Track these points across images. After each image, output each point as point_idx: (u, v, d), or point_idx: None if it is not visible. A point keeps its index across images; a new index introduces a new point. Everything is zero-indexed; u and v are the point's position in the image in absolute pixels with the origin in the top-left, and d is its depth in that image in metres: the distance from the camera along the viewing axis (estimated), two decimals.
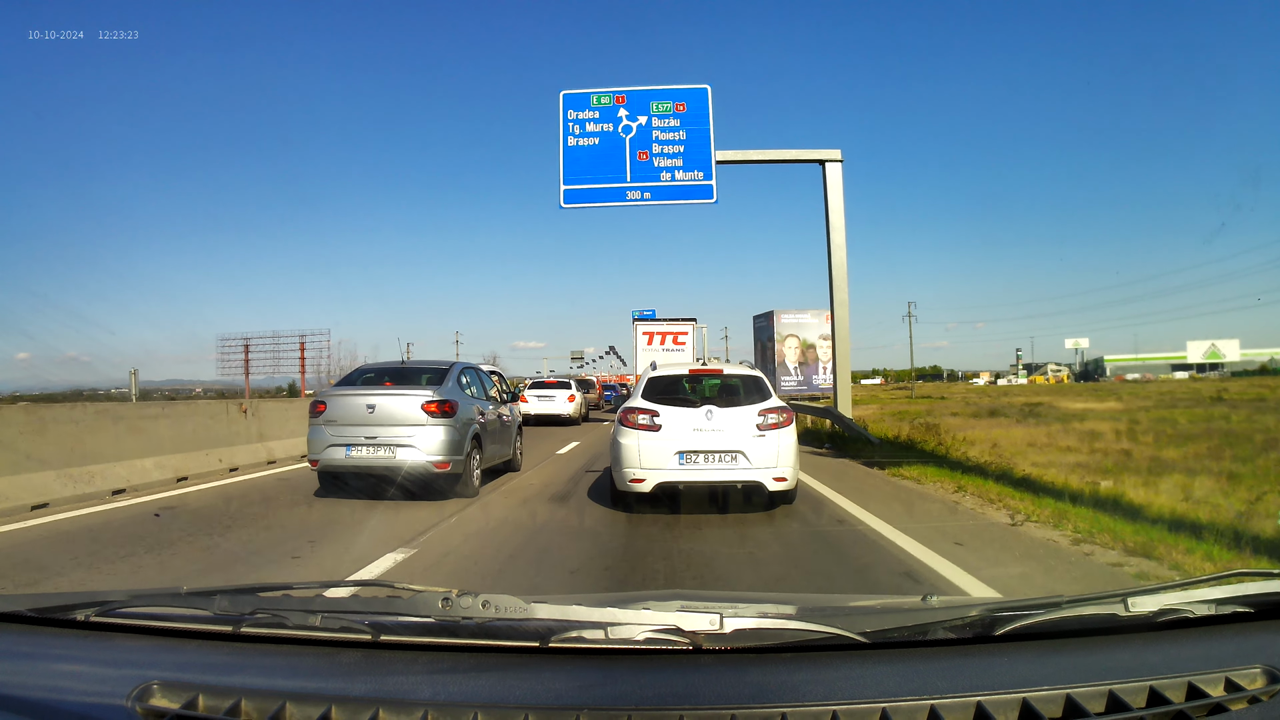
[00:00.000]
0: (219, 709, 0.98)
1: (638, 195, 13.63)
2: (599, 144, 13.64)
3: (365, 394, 7.35)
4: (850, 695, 0.97)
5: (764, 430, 6.37)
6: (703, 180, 13.51)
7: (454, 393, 7.50)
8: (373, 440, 7.15)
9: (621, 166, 13.61)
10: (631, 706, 0.96)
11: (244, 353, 44.96)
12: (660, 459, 6.32)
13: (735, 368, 7.56)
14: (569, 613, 1.15)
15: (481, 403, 8.21)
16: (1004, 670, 1.05)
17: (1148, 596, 1.17)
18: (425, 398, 7.22)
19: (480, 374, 8.94)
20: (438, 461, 7.08)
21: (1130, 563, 4.72)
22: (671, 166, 13.54)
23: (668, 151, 13.57)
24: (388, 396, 7.28)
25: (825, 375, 44.04)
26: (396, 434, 7.10)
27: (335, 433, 7.22)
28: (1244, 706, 0.96)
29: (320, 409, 7.39)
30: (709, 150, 13.53)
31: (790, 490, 6.53)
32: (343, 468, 7.27)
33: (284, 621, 1.17)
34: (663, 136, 13.59)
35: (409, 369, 8.13)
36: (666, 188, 13.60)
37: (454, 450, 7.18)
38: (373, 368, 8.49)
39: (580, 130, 13.76)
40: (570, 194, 13.71)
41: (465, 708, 0.96)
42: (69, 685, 1.05)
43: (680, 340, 19.23)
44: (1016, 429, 17.02)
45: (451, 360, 8.11)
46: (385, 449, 7.12)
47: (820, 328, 45.50)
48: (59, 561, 4.95)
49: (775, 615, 1.30)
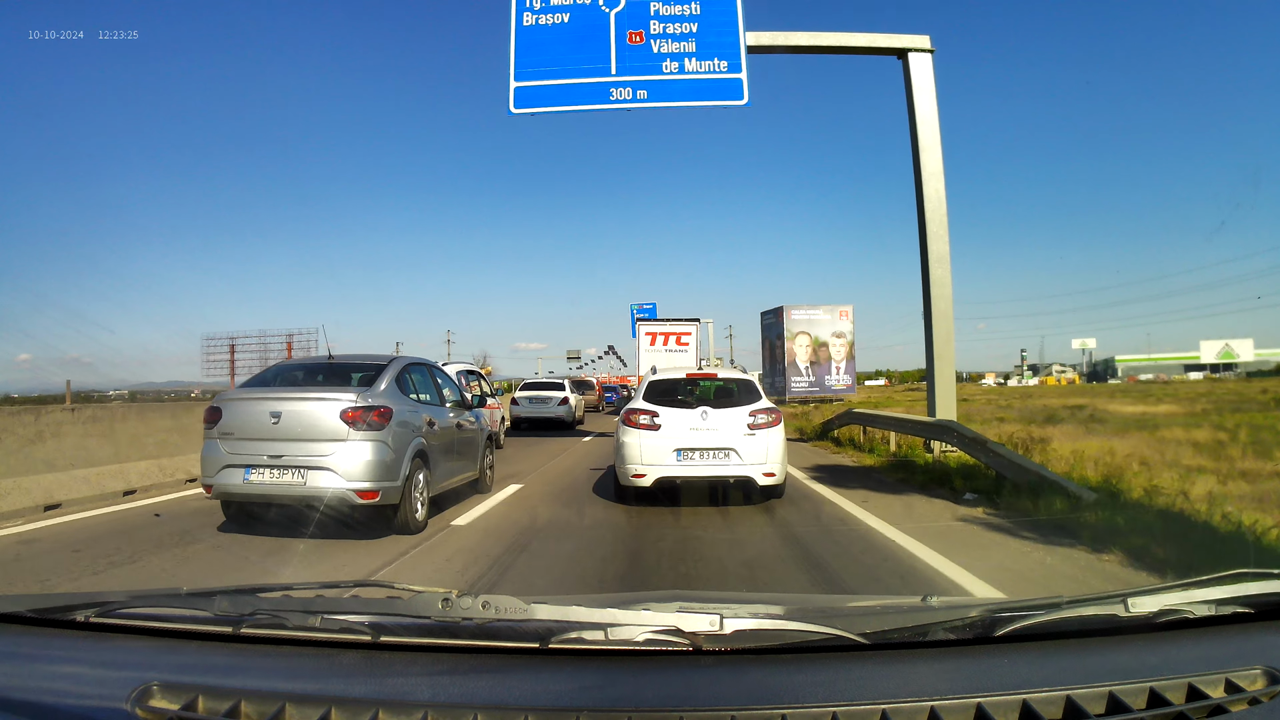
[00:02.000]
0: (219, 710, 1.02)
1: (627, 94, 10.08)
2: (569, 21, 10.15)
3: (270, 398, 5.84)
4: (850, 696, 1.00)
5: (754, 430, 7.17)
6: (726, 73, 9.98)
7: (389, 396, 6.02)
8: (278, 460, 5.64)
9: (603, 52, 10.09)
10: (631, 707, 0.99)
11: (229, 353, 45.04)
12: (660, 456, 7.11)
13: (729, 371, 8.82)
14: (568, 614, 1.19)
15: (433, 409, 6.81)
16: (1004, 671, 1.08)
17: (1148, 597, 1.20)
18: (347, 403, 5.69)
19: (435, 372, 7.51)
20: (362, 489, 5.59)
21: None
22: (679, 53, 10.05)
23: (673, 31, 10.07)
24: (298, 401, 5.78)
25: (838, 375, 43.91)
26: (308, 452, 5.61)
27: (232, 449, 5.74)
28: (1244, 708, 0.99)
29: (214, 417, 5.89)
30: (735, 30, 9.98)
31: (779, 485, 7.33)
32: (242, 496, 5.82)
33: (284, 623, 1.21)
34: (666, 10, 10.11)
35: (338, 365, 6.52)
36: (671, 83, 10.05)
37: (385, 473, 5.70)
38: (295, 364, 7.17)
39: (542, 2, 10.24)
40: (526, 94, 10.21)
41: (465, 709, 0.99)
42: (69, 686, 1.09)
43: (683, 341, 19.31)
44: (1115, 440, 12.67)
45: (392, 355, 6.81)
46: (293, 472, 5.62)
47: (833, 324, 45.27)
48: None
49: (775, 616, 1.34)
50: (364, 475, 5.62)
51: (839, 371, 44.07)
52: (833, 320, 44.54)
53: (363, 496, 5.61)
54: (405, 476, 5.88)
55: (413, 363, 7.00)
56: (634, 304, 26.17)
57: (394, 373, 6.35)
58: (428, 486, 6.35)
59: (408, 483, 5.92)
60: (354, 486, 5.59)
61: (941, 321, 10.52)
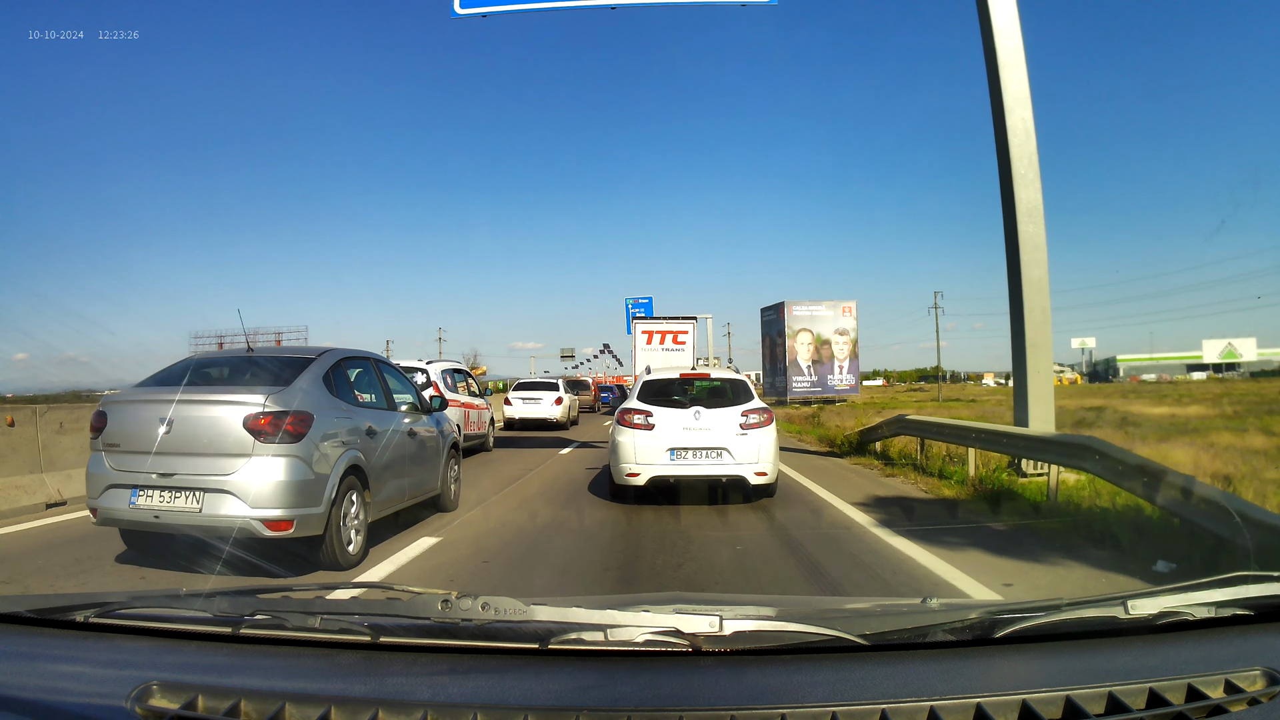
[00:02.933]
0: (219, 709, 1.03)
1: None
2: None
3: (161, 400, 4.78)
4: (850, 697, 1.02)
5: (746, 429, 7.34)
6: None
7: (311, 398, 4.97)
8: (169, 479, 4.60)
9: None
10: (631, 708, 1.01)
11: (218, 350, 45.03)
12: (653, 455, 7.29)
13: (722, 371, 8.83)
14: (568, 615, 1.20)
15: (377, 414, 5.74)
16: (1003, 672, 1.10)
17: (1148, 599, 1.22)
18: (253, 408, 4.64)
19: (383, 369, 6.40)
20: (271, 518, 4.57)
21: None
22: None
23: None
24: (194, 405, 4.73)
25: (841, 375, 43.73)
26: (205, 469, 4.60)
27: (118, 464, 4.78)
28: (1244, 708, 1.01)
29: (100, 423, 4.91)
30: None
31: (770, 484, 7.44)
32: (129, 523, 4.87)
33: (283, 623, 1.24)
34: None
35: (259, 361, 5.46)
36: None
37: (302, 497, 4.68)
38: (209, 358, 5.91)
39: None
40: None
41: (465, 709, 1.01)
42: (69, 686, 1.11)
43: (680, 340, 19.36)
44: (1165, 447, 10.78)
45: (325, 347, 5.74)
46: (187, 495, 4.59)
47: (836, 321, 44.97)
48: None
49: (774, 617, 1.37)
50: (273, 500, 4.60)
51: (842, 371, 43.86)
52: (835, 317, 44.26)
53: (272, 527, 4.59)
54: (331, 500, 4.88)
55: (350, 357, 5.90)
56: (629, 298, 25.65)
57: (321, 369, 5.29)
58: (365, 510, 5.31)
59: (335, 508, 4.91)
60: (260, 515, 4.57)
61: (1035, 295, 8.19)
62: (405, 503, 6.21)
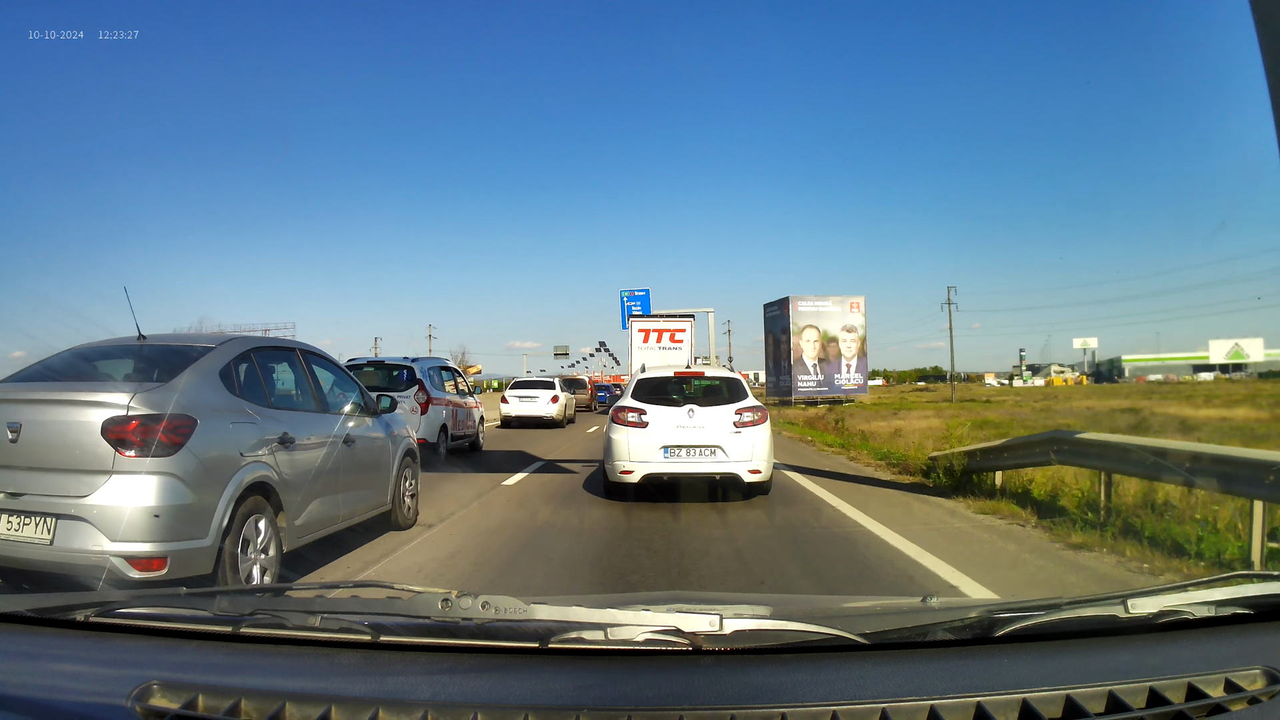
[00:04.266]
0: (219, 709, 1.06)
1: None
2: None
3: (9, 400, 3.97)
4: (850, 696, 1.04)
5: (740, 428, 7.50)
6: None
7: (195, 398, 4.07)
8: (16, 501, 3.73)
9: None
10: (631, 707, 1.03)
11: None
12: (647, 453, 7.45)
13: (716, 370, 9.16)
14: (568, 614, 1.23)
15: (297, 416, 4.89)
16: (1004, 671, 1.12)
17: (1148, 598, 1.25)
18: (112, 410, 3.76)
19: (311, 360, 5.45)
20: (137, 555, 3.66)
21: None
22: None
23: None
24: (46, 405, 3.90)
25: (849, 374, 43.21)
26: (57, 490, 3.71)
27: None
28: (1244, 707, 1.03)
29: None
30: None
31: (765, 482, 7.63)
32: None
33: (283, 622, 1.26)
34: None
35: (150, 351, 4.61)
36: None
37: (179, 526, 3.78)
38: (92, 348, 4.79)
39: None
40: None
41: (465, 708, 1.03)
42: (69, 685, 1.13)
43: (677, 338, 19.37)
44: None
45: (229, 335, 5.07)
46: (37, 521, 3.70)
47: (843, 317, 44.33)
48: None
49: (775, 616, 1.40)
50: (140, 532, 3.67)
51: (850, 370, 43.34)
52: (843, 313, 43.65)
53: (139, 567, 3.66)
54: (223, 528, 3.96)
55: (263, 347, 5.06)
56: (624, 290, 23.68)
57: (218, 362, 4.42)
58: (277, 538, 4.42)
59: (229, 538, 4.00)
60: (123, 550, 3.63)
61: None
62: (342, 524, 5.32)
